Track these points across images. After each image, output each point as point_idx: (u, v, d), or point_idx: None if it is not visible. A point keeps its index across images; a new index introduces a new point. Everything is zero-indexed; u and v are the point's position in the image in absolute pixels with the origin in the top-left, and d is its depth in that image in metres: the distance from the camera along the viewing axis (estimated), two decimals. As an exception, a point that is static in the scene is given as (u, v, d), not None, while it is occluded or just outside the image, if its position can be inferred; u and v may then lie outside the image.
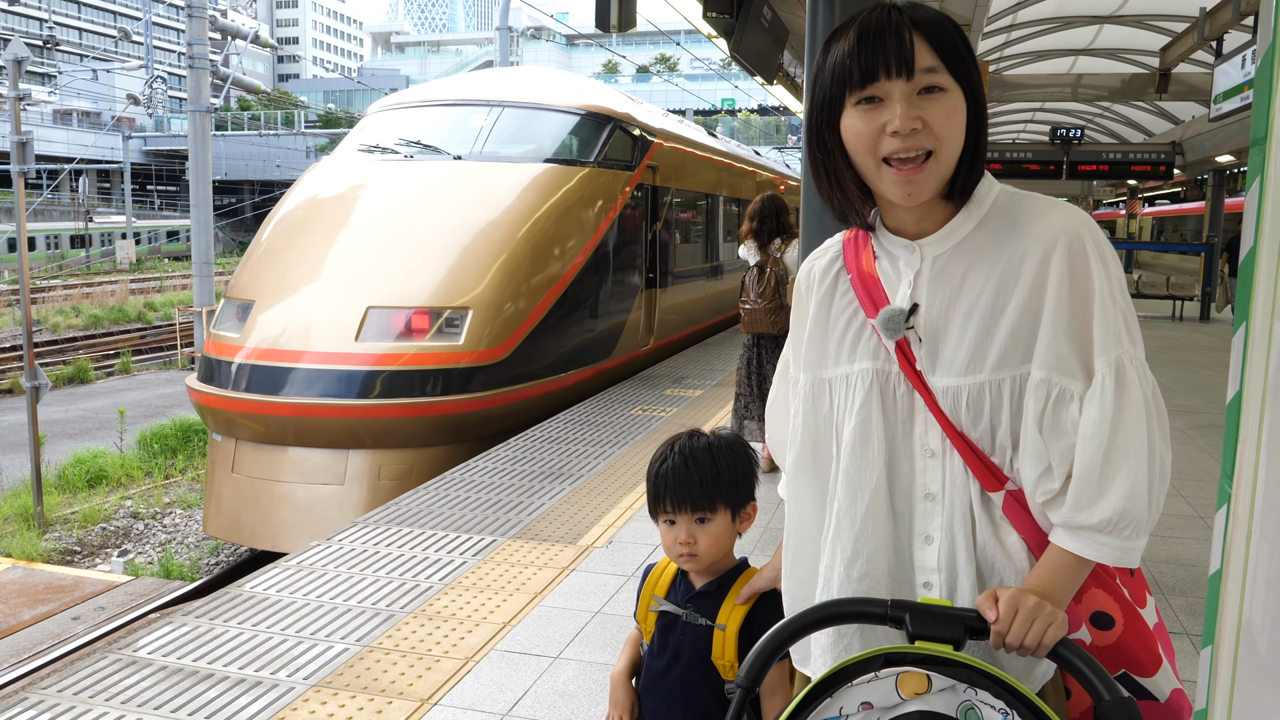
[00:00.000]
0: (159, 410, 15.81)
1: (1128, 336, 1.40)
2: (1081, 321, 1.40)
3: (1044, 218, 1.44)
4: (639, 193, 11.07)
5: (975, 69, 1.44)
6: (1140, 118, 23.72)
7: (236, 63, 32.41)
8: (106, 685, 3.56)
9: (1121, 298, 1.41)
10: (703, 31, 7.25)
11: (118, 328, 26.61)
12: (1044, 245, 1.41)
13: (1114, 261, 1.43)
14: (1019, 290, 1.41)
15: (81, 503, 10.89)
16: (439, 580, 4.63)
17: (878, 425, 1.50)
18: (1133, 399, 1.38)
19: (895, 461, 1.50)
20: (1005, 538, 1.46)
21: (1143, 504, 1.38)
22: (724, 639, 1.88)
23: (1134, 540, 1.39)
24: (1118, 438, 1.37)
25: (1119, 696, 1.22)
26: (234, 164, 58.88)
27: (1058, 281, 1.40)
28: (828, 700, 1.28)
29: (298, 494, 7.78)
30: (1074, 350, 1.40)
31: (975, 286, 1.44)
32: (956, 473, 1.46)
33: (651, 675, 1.97)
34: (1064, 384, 1.40)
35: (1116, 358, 1.38)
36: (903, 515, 1.50)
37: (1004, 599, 1.31)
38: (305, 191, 9.90)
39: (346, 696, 3.49)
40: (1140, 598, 1.58)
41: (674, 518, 1.89)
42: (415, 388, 7.87)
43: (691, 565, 1.92)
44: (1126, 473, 1.37)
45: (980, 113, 1.44)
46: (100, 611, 7.36)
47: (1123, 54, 16.96)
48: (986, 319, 1.43)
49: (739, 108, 70.96)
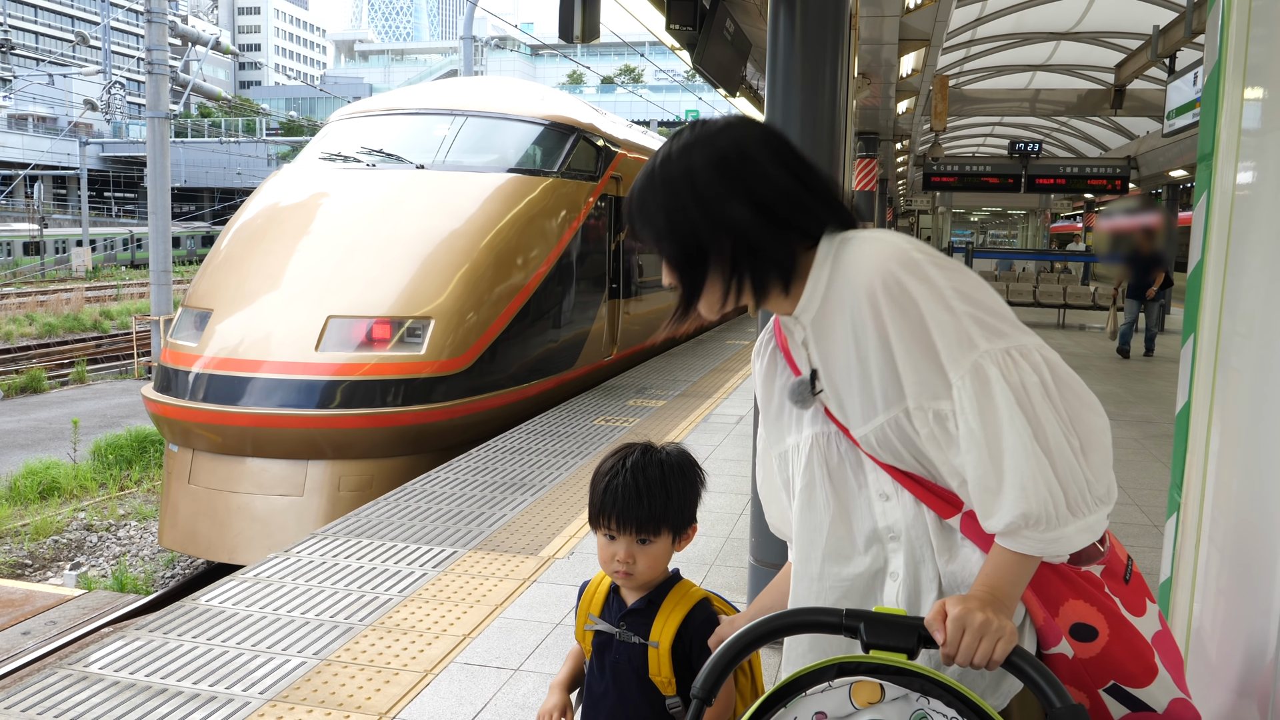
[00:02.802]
0: (114, 420, 15.56)
1: (983, 335, 1.39)
2: (926, 344, 1.41)
3: (858, 267, 1.45)
4: (602, 203, 11.08)
5: (723, 212, 1.47)
6: (1097, 133, 24.15)
7: (197, 69, 32.07)
8: (56, 702, 3.49)
9: (960, 302, 1.40)
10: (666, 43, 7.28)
11: (73, 336, 26.16)
12: (867, 294, 1.43)
13: (940, 273, 1.41)
14: (869, 340, 1.45)
15: (33, 515, 10.67)
16: (399, 592, 4.59)
17: (822, 486, 1.58)
18: (998, 398, 1.37)
19: (854, 515, 1.57)
20: (968, 556, 1.49)
21: (1042, 497, 1.35)
22: (658, 656, 1.86)
23: (1051, 532, 1.37)
24: (991, 443, 1.37)
25: (1069, 704, 1.23)
26: (194, 171, 58.31)
27: (890, 320, 1.42)
28: (782, 710, 1.29)
29: (256, 505, 7.68)
30: (933, 372, 1.41)
31: (841, 343, 1.49)
32: (909, 509, 1.51)
33: (593, 697, 1.94)
34: (935, 406, 1.43)
35: (972, 363, 1.38)
36: (876, 560, 1.55)
37: (951, 618, 1.31)
38: (265, 199, 9.81)
39: (304, 711, 3.44)
40: (1136, 605, 1.55)
41: (615, 534, 1.86)
42: (376, 398, 7.81)
43: (626, 583, 1.89)
44: (1011, 474, 1.36)
45: (762, 226, 1.48)
46: (51, 626, 7.22)
47: (1079, 70, 17.27)
48: (859, 371, 1.48)
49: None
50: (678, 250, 1.52)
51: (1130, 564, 1.59)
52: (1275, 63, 1.65)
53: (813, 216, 1.51)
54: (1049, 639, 1.50)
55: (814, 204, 1.51)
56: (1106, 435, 1.42)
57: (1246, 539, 1.65)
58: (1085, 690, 1.51)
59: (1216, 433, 1.81)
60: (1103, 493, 1.40)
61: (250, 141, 57.66)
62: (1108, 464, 1.42)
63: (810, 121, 3.78)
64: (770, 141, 1.52)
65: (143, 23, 18.26)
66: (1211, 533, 1.82)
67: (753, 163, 1.49)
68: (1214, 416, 1.82)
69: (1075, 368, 1.45)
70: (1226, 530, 1.75)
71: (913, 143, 20.61)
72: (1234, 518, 1.72)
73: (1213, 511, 1.82)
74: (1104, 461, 1.41)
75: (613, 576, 1.91)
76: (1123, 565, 1.57)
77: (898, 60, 10.24)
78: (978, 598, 1.35)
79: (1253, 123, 1.73)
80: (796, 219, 1.50)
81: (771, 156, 1.51)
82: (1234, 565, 1.71)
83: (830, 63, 3.79)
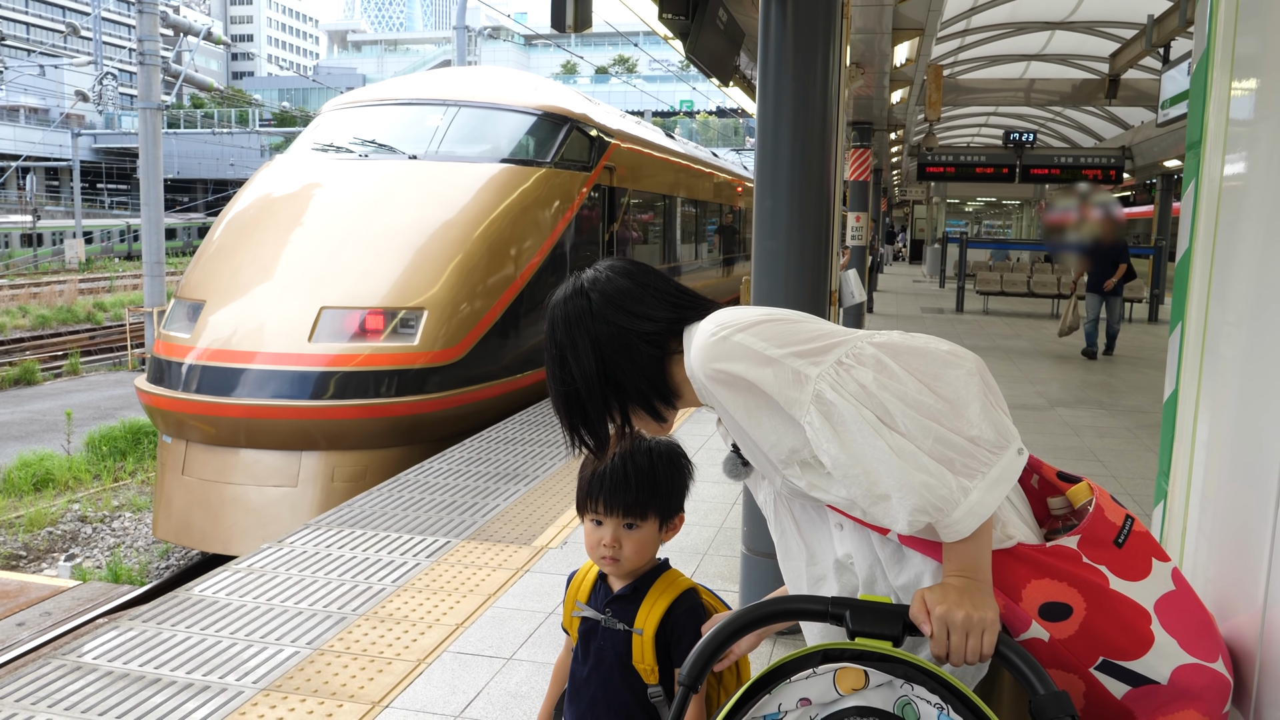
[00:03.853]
0: (108, 412, 15.53)
1: (810, 364, 1.42)
2: (768, 403, 1.46)
3: (692, 370, 1.54)
4: (596, 193, 11.06)
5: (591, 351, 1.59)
6: (1091, 123, 24.14)
7: (189, 60, 31.92)
8: (50, 691, 3.49)
9: (777, 348, 1.44)
10: (659, 33, 7.25)
11: (66, 328, 26.08)
12: (708, 389, 1.52)
13: (747, 335, 1.47)
14: (732, 420, 1.54)
15: (27, 506, 10.66)
16: (392, 582, 4.60)
17: (793, 534, 1.65)
18: (845, 413, 1.38)
19: (820, 551, 1.62)
20: (917, 567, 1.49)
21: (925, 484, 1.33)
22: (642, 643, 1.87)
23: (957, 509, 1.34)
24: (858, 460, 1.37)
25: (1052, 691, 1.24)
26: (186, 162, 58.00)
27: (730, 401, 1.50)
28: (766, 697, 1.29)
29: (249, 496, 7.68)
30: (787, 425, 1.46)
31: (727, 422, 1.60)
32: (858, 534, 1.55)
33: (576, 683, 1.96)
34: (799, 458, 1.49)
35: (812, 394, 1.40)
36: (846, 586, 1.59)
37: (934, 619, 1.32)
38: (258, 190, 9.78)
39: (297, 700, 3.45)
40: (1135, 569, 1.47)
41: (602, 519, 1.88)
42: (369, 389, 7.80)
43: (613, 569, 1.90)
44: (887, 479, 1.35)
45: (627, 355, 1.58)
46: (46, 617, 7.22)
47: (1074, 59, 17.24)
48: (747, 444, 1.57)
49: (697, 109, 71.18)
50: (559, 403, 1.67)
51: (1128, 524, 1.52)
52: (1264, 52, 1.66)
53: (650, 335, 1.60)
54: (1016, 626, 1.45)
55: (644, 324, 1.60)
56: (975, 379, 1.39)
57: (1234, 527, 1.66)
58: (1075, 671, 1.44)
59: (1204, 421, 1.82)
60: (993, 438, 1.36)
61: (243, 132, 57.41)
62: (991, 407, 1.38)
63: (803, 111, 3.77)
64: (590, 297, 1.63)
65: (134, 13, 18.16)
66: (1199, 521, 1.82)
67: (579, 324, 1.61)
68: (1201, 405, 1.83)
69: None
70: (1214, 519, 1.76)
71: (907, 133, 20.57)
72: (1222, 506, 1.72)
73: (1200, 500, 1.82)
74: (983, 408, 1.37)
75: (599, 563, 1.92)
76: (1114, 529, 1.50)
77: (891, 50, 10.21)
78: (954, 588, 1.35)
79: (1241, 112, 1.73)
80: (633, 347, 1.60)
81: (599, 308, 1.61)
82: (1221, 553, 1.71)
83: (823, 52, 3.79)
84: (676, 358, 1.59)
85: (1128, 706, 1.45)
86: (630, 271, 1.64)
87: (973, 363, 1.42)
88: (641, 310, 1.59)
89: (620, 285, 1.61)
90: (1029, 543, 1.48)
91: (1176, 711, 1.44)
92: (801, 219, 3.81)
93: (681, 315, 1.61)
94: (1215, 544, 1.75)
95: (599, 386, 1.58)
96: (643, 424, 1.64)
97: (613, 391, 1.59)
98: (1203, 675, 1.44)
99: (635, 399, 1.60)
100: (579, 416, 1.62)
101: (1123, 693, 1.44)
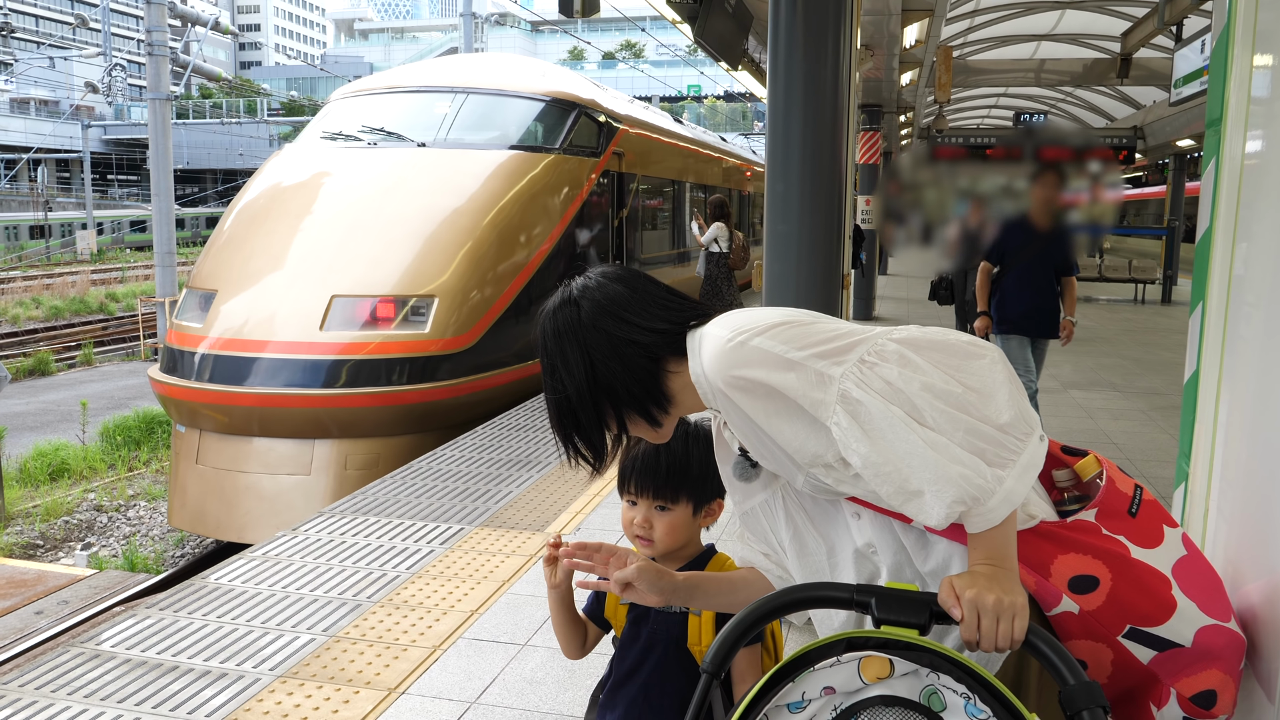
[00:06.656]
0: (122, 402, 15.60)
1: (833, 364, 1.40)
2: (792, 408, 1.43)
3: (706, 376, 1.50)
4: (605, 179, 11.03)
5: (581, 364, 1.56)
6: (1102, 103, 23.97)
7: (197, 50, 31.92)
8: (69, 679, 3.52)
9: (799, 351, 1.41)
10: (667, 17, 7.23)
11: (79, 319, 26.19)
12: (724, 396, 1.48)
13: (765, 339, 1.44)
14: (750, 425, 1.50)
15: (44, 496, 10.72)
16: (406, 569, 4.61)
17: (807, 530, 1.64)
18: (873, 411, 1.36)
19: (839, 543, 1.61)
20: (945, 551, 1.50)
21: (961, 476, 1.32)
22: (699, 623, 1.88)
23: (991, 499, 1.34)
24: (889, 459, 1.35)
25: (1083, 681, 1.23)
26: (196, 152, 58.10)
27: (752, 409, 1.46)
28: (790, 685, 1.28)
29: (263, 484, 7.71)
30: (811, 428, 1.43)
31: (739, 427, 1.55)
32: (878, 522, 1.54)
33: (620, 674, 1.94)
34: (825, 461, 1.46)
35: (838, 395, 1.38)
36: (872, 576, 1.58)
37: (965, 602, 1.31)
38: (267, 180, 9.78)
39: (313, 686, 3.47)
40: (1149, 536, 1.51)
41: (636, 499, 1.89)
42: (381, 377, 7.81)
43: (647, 550, 1.91)
44: (920, 474, 1.34)
45: (620, 363, 1.55)
46: (64, 606, 7.26)
47: (1084, 39, 17.10)
48: (764, 447, 1.54)
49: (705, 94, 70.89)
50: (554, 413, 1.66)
51: (1138, 493, 1.55)
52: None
53: (646, 343, 1.56)
54: (1048, 601, 1.48)
55: (638, 333, 1.56)
56: (997, 366, 1.40)
57: (1255, 509, 1.65)
58: (1104, 640, 1.49)
59: (1225, 402, 1.80)
60: (1019, 425, 1.37)
61: (252, 122, 57.45)
62: (1015, 394, 1.39)
63: (813, 94, 3.75)
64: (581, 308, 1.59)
65: (142, 4, 18.16)
66: (1219, 503, 1.81)
67: (570, 335, 1.58)
68: (1222, 386, 1.81)
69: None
70: (1235, 500, 1.74)
71: (916, 115, 20.45)
72: (1242, 487, 1.71)
73: (1221, 482, 1.81)
74: (1008, 395, 1.37)
75: (633, 543, 1.93)
76: (1126, 499, 1.54)
77: (901, 31, 10.15)
78: (983, 575, 1.34)
79: (1262, 90, 1.70)
80: (629, 355, 1.56)
81: (590, 319, 1.57)
82: (1242, 535, 1.70)
83: (833, 34, 3.76)
84: (673, 364, 1.56)
85: (1153, 671, 1.50)
86: (622, 278, 1.62)
87: (994, 352, 1.42)
88: (634, 318, 1.57)
89: (612, 292, 1.58)
90: (1050, 520, 1.51)
91: (1200, 672, 1.49)
92: (813, 202, 3.80)
93: (680, 322, 1.58)
94: (1235, 525, 1.74)
95: (590, 395, 1.56)
96: (639, 431, 1.62)
97: (606, 398, 1.57)
98: (1222, 635, 1.48)
99: (630, 405, 1.57)
100: (571, 425, 1.61)
101: (1149, 658, 1.49)
